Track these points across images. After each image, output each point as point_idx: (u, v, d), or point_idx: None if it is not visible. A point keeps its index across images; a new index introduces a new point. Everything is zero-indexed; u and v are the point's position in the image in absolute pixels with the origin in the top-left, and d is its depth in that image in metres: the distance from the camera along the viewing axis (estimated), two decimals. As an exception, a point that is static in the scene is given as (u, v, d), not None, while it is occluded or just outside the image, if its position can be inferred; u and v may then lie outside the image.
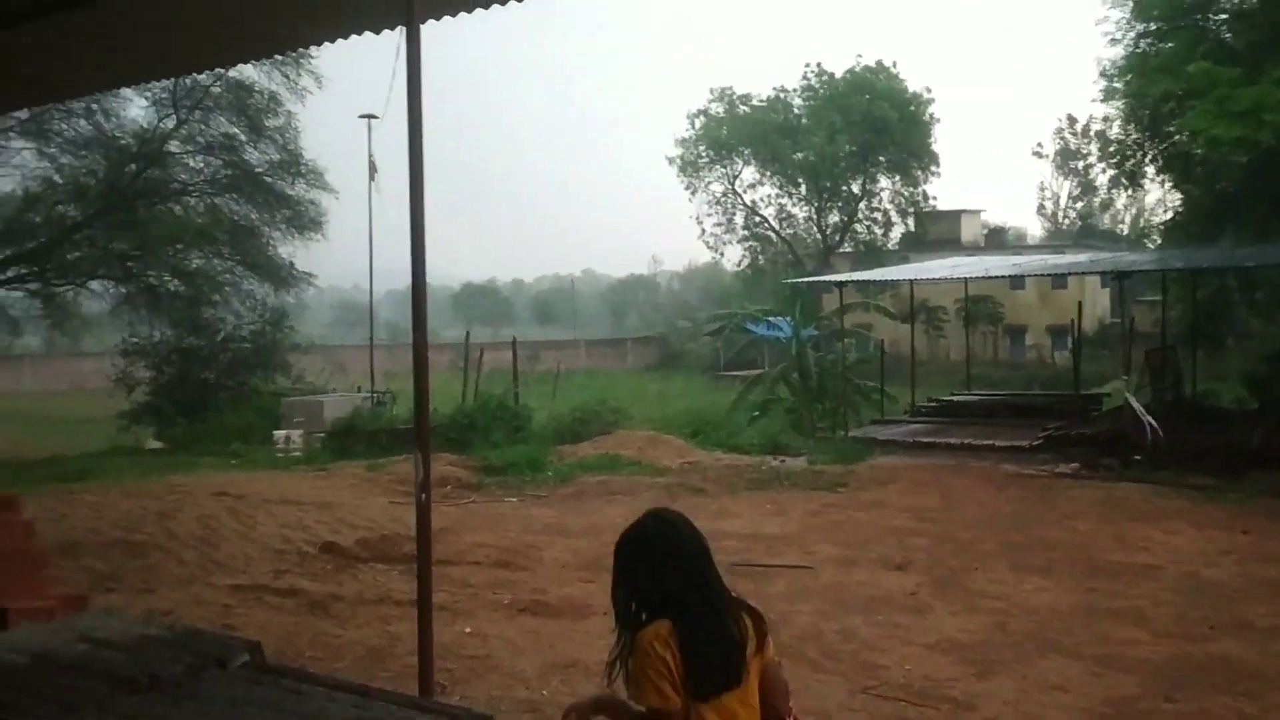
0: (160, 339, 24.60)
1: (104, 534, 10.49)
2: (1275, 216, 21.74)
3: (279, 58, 21.49)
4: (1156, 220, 29.67)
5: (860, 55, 46.07)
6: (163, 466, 17.11)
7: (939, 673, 6.78)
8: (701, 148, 46.83)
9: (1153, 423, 15.83)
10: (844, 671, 6.84)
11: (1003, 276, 29.31)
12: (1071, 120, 60.20)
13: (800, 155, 44.60)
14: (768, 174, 46.77)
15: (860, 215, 47.42)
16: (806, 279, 31.11)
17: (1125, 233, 56.76)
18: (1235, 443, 15.28)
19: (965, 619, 8.02)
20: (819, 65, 45.51)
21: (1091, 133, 53.45)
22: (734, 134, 45.69)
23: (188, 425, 22.26)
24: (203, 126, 24.78)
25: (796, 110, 45.59)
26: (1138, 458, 15.37)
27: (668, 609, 2.80)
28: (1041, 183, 66.16)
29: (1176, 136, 22.12)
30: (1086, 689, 6.49)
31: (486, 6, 4.37)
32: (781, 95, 46.12)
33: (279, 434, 19.89)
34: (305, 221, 25.75)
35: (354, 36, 4.83)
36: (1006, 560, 9.97)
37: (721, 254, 49.72)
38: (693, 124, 47.02)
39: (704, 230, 48.40)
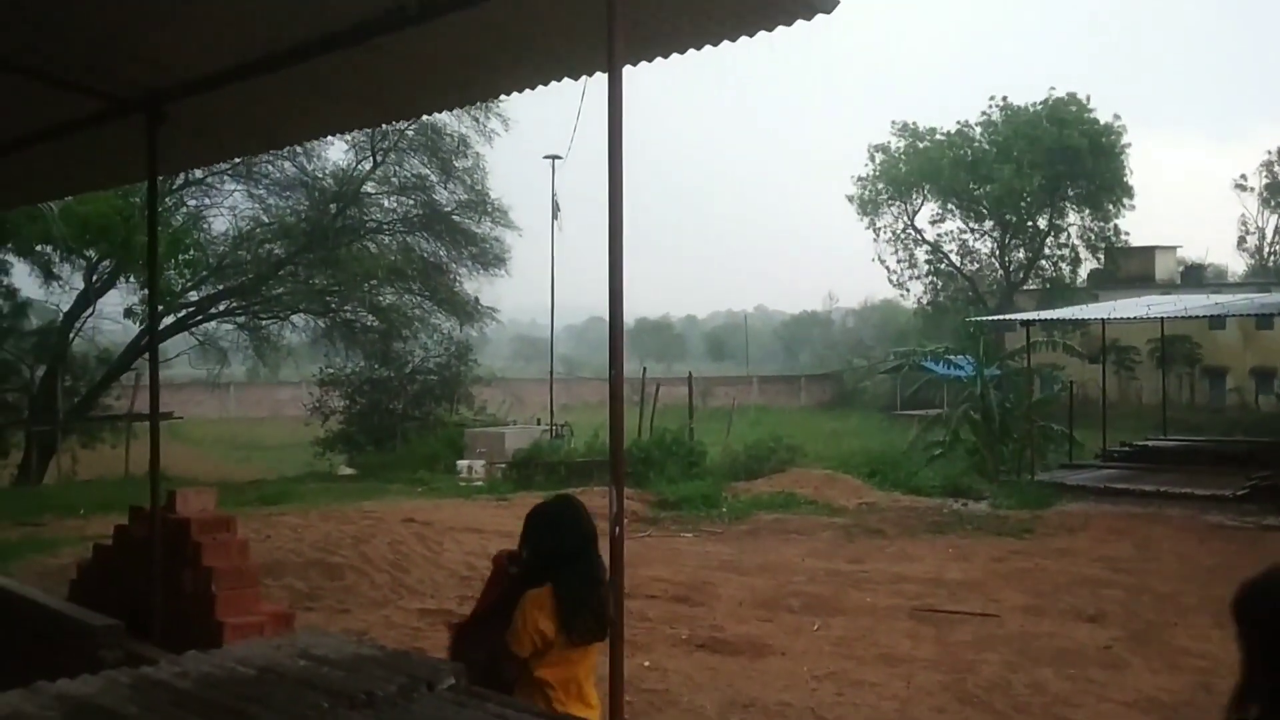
0: (353, 370, 25.84)
1: (303, 555, 11.04)
2: None
3: (471, 102, 22.40)
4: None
5: (1054, 87, 44.28)
6: (354, 492, 17.89)
7: (1138, 733, 6.45)
8: (880, 185, 46.18)
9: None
10: (1035, 726, 6.58)
11: (1202, 316, 27.82)
12: (1281, 155, 56.85)
13: (984, 189, 43.44)
14: (949, 209, 45.73)
15: (1047, 251, 45.76)
16: (991, 318, 30.22)
17: (1338, 269, 53.06)
18: None
19: (1166, 677, 7.60)
20: (1004, 98, 44.37)
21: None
22: (913, 170, 44.90)
23: (377, 453, 23.26)
24: (397, 168, 25.99)
25: (980, 143, 44.47)
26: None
27: (558, 571, 3.63)
28: (1243, 217, 62.52)
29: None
30: (1305, 759, 6.05)
31: (683, 52, 4.47)
32: (965, 129, 45.10)
33: (462, 463, 20.53)
34: (490, 258, 26.64)
35: (553, 83, 5.01)
36: (1210, 616, 9.38)
37: (906, 290, 48.73)
38: (872, 158, 46.43)
39: (887, 268, 47.60)
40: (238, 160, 22.55)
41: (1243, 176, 61.86)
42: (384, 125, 21.59)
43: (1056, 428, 22.25)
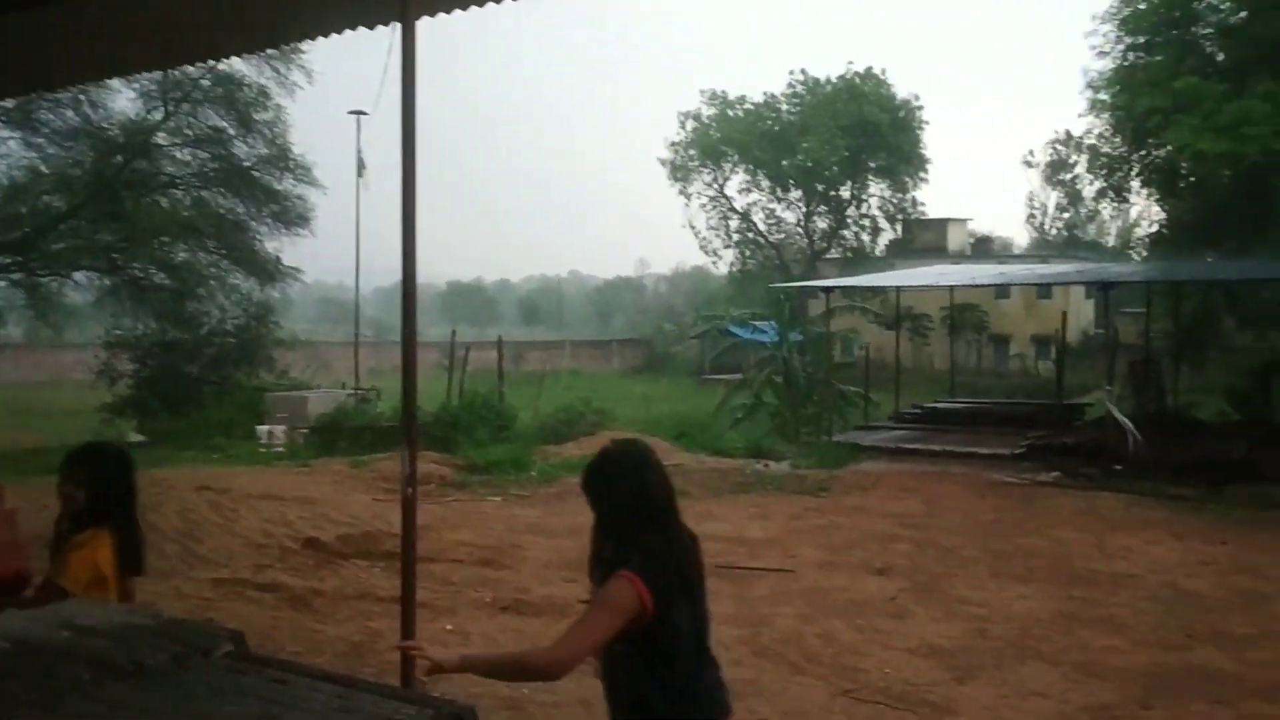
0: (144, 332, 24.49)
1: (85, 525, 10.43)
2: (1259, 231, 21.92)
3: (270, 52, 21.45)
4: (1142, 233, 29.88)
5: (851, 62, 45.91)
6: (144, 459, 16.90)
7: (918, 677, 6.82)
8: (693, 151, 46.87)
9: (1135, 432, 15.93)
10: (824, 674, 6.87)
11: (988, 285, 29.46)
12: (1069, 135, 60.64)
13: (790, 161, 44.68)
14: (758, 178, 46.85)
15: (849, 221, 47.53)
16: (792, 284, 31.19)
17: (1111, 244, 57.12)
18: (1216, 455, 15.38)
19: (945, 624, 8.06)
20: (804, 71, 45.71)
21: (1083, 145, 53.84)
22: (725, 138, 45.75)
23: (170, 419, 22.16)
24: (191, 119, 24.68)
25: (786, 115, 45.67)
26: (1119, 468, 15.45)
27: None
28: (1030, 193, 66.56)
29: (1162, 150, 22.29)
30: (1065, 696, 6.54)
31: (481, 4, 4.38)
32: (771, 100, 46.21)
33: (262, 429, 19.81)
34: (292, 217, 25.67)
35: (347, 32, 4.84)
36: (987, 567, 10.03)
37: (718, 258, 49.75)
38: (684, 125, 47.06)
39: (699, 234, 48.44)
40: (10, 105, 20.98)
41: (1030, 153, 65.72)
42: (172, 71, 20.54)
43: (855, 390, 23.21)
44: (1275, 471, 14.64)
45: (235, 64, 22.66)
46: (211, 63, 20.54)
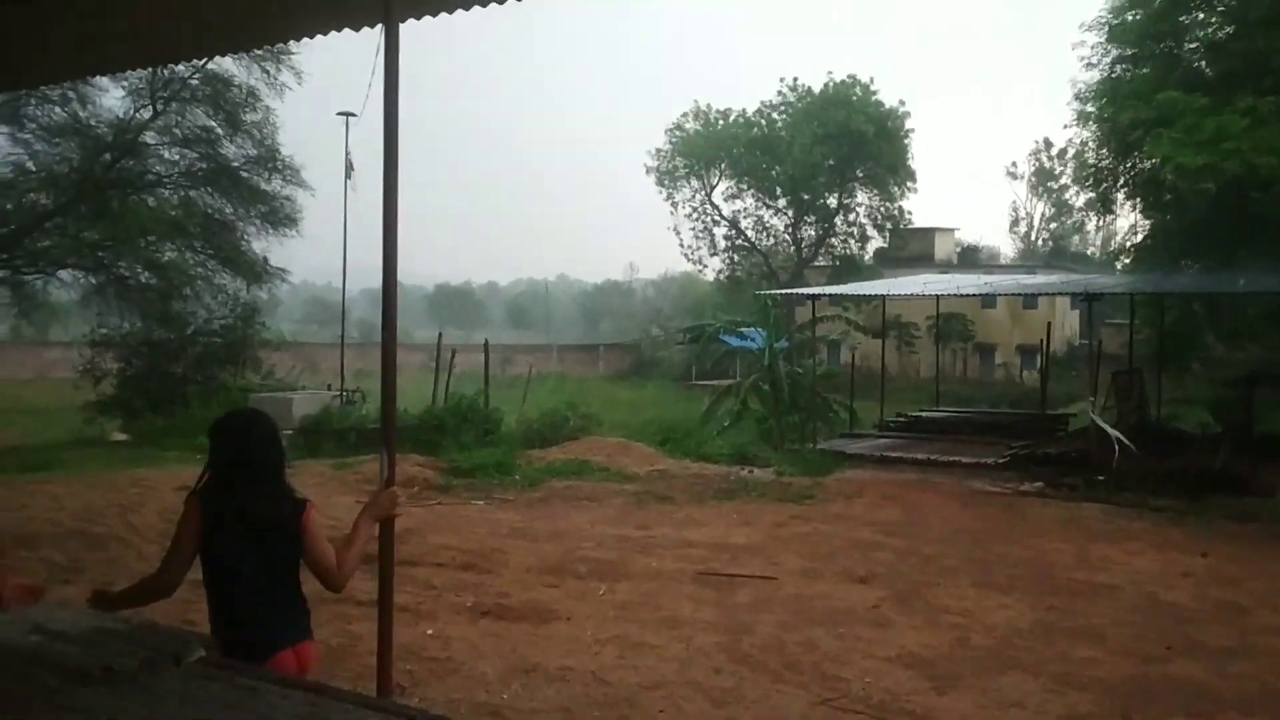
0: (129, 331, 24.35)
1: (63, 525, 10.36)
2: (1240, 244, 22.04)
3: (258, 52, 21.40)
4: (1127, 244, 30.01)
5: (831, 71, 46.07)
6: (127, 459, 16.93)
7: (899, 686, 6.81)
8: (679, 159, 46.94)
9: (1121, 439, 15.99)
10: (804, 683, 6.86)
11: (974, 295, 29.53)
12: (1048, 144, 60.88)
13: (779, 168, 44.75)
14: (745, 186, 46.91)
15: (837, 229, 47.62)
16: (780, 291, 31.24)
17: (1096, 255, 57.39)
18: (1197, 466, 15.45)
19: (926, 634, 8.06)
20: (794, 79, 45.77)
21: (1067, 155, 54.07)
22: (711, 147, 45.81)
23: (154, 419, 22.04)
24: (179, 118, 24.56)
25: (775, 123, 45.75)
26: (1101, 478, 15.51)
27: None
28: (1015, 203, 66.88)
29: (1147, 163, 22.39)
30: (1044, 706, 6.54)
31: (467, 8, 4.37)
32: (761, 108, 46.29)
33: (246, 430, 19.68)
34: (280, 217, 25.58)
35: (333, 33, 4.82)
36: (969, 576, 10.04)
37: (701, 265, 49.81)
38: (670, 138, 47.16)
39: (681, 241, 48.48)
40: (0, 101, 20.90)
41: (1014, 164, 66.00)
42: (161, 70, 20.47)
43: (840, 399, 23.25)
44: (1255, 483, 14.72)
45: (224, 64, 22.62)
46: (199, 62, 20.61)
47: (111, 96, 23.32)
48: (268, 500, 3.87)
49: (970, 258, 55.10)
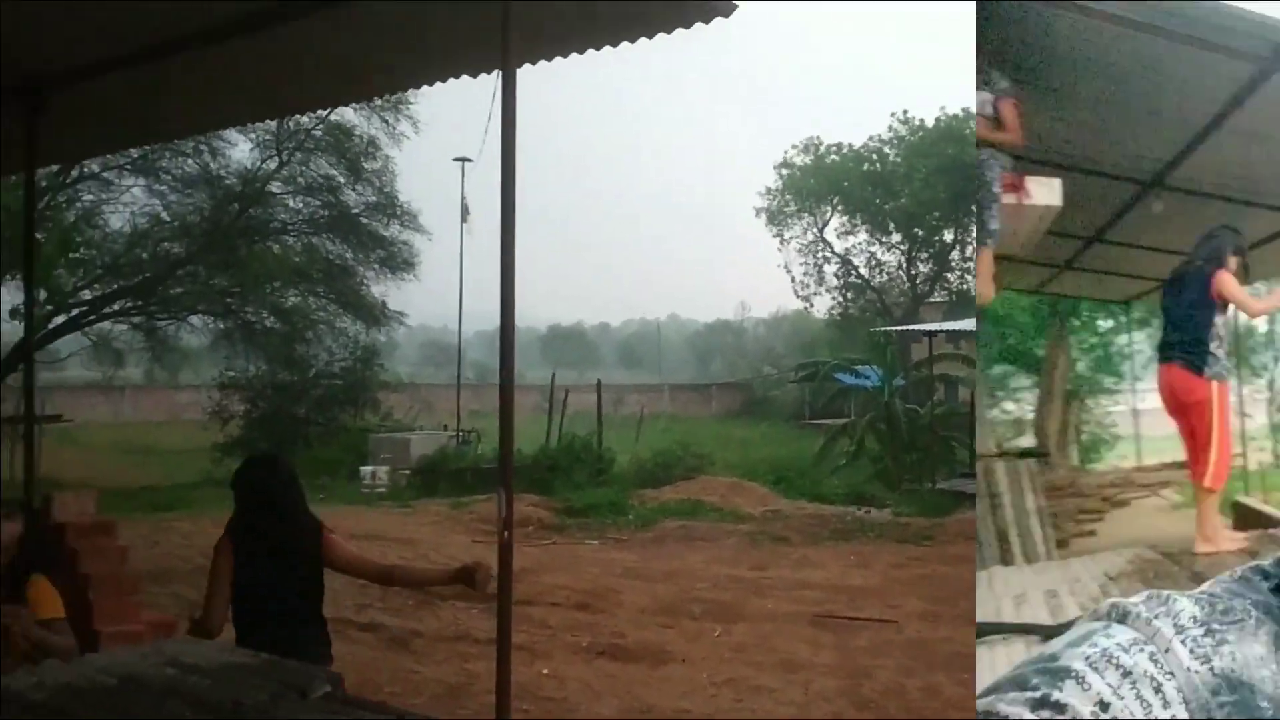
0: (255, 374, 25.24)
1: (193, 562, 10.68)
2: None
3: (378, 102, 22.10)
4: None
5: (944, 106, 45.30)
6: (253, 498, 17.41)
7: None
8: (788, 197, 46.73)
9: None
10: (927, 730, 6.66)
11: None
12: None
13: (892, 204, 44.21)
14: (857, 222, 46.42)
15: (953, 264, 46.74)
16: (896, 328, 30.76)
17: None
18: None
19: (1056, 681, 7.75)
20: (905, 112, 45.24)
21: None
22: (821, 184, 45.50)
23: (279, 459, 22.70)
24: (303, 168, 25.44)
25: (888, 157, 45.26)
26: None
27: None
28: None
29: None
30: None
31: (582, 52, 4.44)
32: (872, 142, 45.86)
33: (365, 470, 20.17)
34: (398, 262, 26.25)
35: (451, 80, 4.94)
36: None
37: (811, 303, 49.34)
38: (779, 175, 47.00)
39: (793, 278, 48.13)
40: (136, 155, 21.94)
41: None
42: (283, 120, 21.27)
43: (958, 438, 22.68)
44: None
45: (345, 114, 23.38)
46: (323, 113, 21.38)
47: (240, 149, 24.35)
48: (291, 531, 4.22)
49: (1092, 292, 53.52)
